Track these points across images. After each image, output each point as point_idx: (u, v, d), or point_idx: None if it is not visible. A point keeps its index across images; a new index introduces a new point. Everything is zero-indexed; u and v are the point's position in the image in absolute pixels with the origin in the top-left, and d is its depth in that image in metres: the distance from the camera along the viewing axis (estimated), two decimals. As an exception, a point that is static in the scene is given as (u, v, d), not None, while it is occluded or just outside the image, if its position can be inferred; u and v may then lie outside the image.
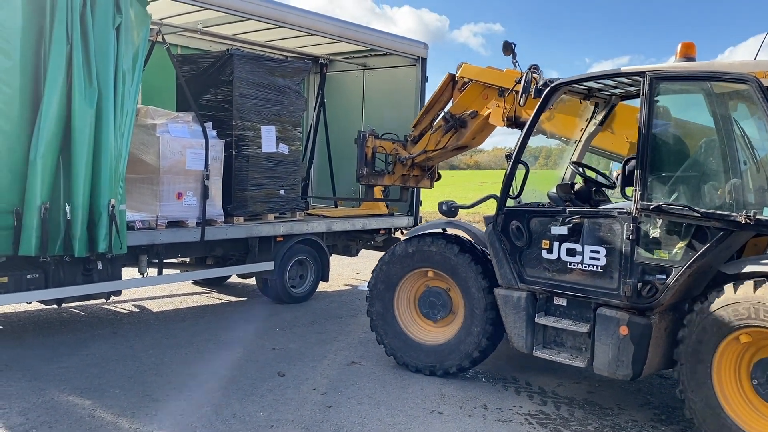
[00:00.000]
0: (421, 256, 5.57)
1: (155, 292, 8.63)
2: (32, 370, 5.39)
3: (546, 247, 4.83)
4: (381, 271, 5.84)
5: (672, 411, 4.97)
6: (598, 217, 4.62)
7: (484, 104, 6.54)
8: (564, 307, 4.83)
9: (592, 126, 5.78)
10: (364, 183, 7.63)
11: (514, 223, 4.99)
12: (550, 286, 4.83)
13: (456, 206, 5.54)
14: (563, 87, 5.01)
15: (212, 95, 7.42)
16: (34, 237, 5.34)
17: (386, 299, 5.78)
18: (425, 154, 7.23)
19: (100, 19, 5.55)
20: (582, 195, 5.30)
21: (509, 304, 5.00)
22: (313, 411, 4.73)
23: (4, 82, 5.20)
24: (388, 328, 5.75)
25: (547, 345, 4.90)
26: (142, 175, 6.61)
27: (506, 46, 6.08)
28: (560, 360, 4.74)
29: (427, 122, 7.32)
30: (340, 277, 10.39)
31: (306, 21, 7.92)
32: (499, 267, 5.10)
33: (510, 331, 5.02)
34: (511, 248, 5.03)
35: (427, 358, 5.53)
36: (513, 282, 5.01)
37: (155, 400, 4.84)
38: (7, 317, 7.07)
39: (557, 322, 4.78)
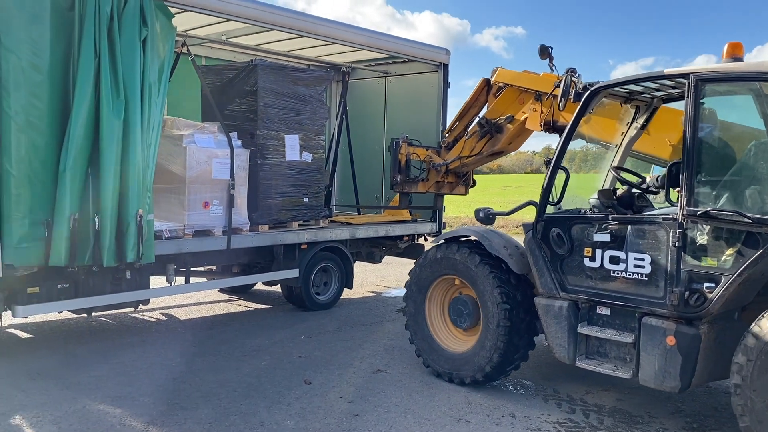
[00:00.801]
0: (448, 263, 5.57)
1: (182, 301, 8.72)
2: (64, 378, 5.48)
3: (588, 255, 4.71)
4: (415, 273, 5.90)
5: (704, 419, 4.89)
6: (642, 224, 4.49)
7: (521, 108, 6.44)
8: (607, 317, 4.69)
9: (633, 130, 5.66)
10: (398, 190, 7.54)
11: (555, 231, 4.89)
12: (593, 295, 4.70)
13: (493, 213, 5.46)
14: (603, 90, 4.92)
15: (237, 105, 7.50)
16: (64, 247, 5.43)
17: (418, 301, 5.84)
18: (460, 160, 7.11)
19: (127, 33, 5.65)
20: (624, 201, 5.14)
21: (550, 313, 4.88)
22: (340, 419, 4.74)
23: (35, 96, 5.31)
24: (419, 330, 5.80)
25: (589, 355, 4.77)
26: (169, 185, 6.70)
27: (542, 50, 5.96)
28: (604, 371, 4.60)
29: (461, 128, 7.22)
30: (364, 283, 10.40)
31: (328, 30, 7.97)
32: (539, 275, 5.00)
33: (551, 341, 4.91)
34: (551, 256, 4.93)
35: (446, 364, 5.55)
36: (554, 291, 4.90)
37: (184, 408, 4.89)
38: (38, 326, 7.20)
39: (600, 332, 4.64)
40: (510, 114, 6.51)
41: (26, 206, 5.33)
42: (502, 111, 6.61)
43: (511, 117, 6.50)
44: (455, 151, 7.18)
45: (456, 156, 7.11)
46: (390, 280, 10.92)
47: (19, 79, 5.23)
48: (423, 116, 9.35)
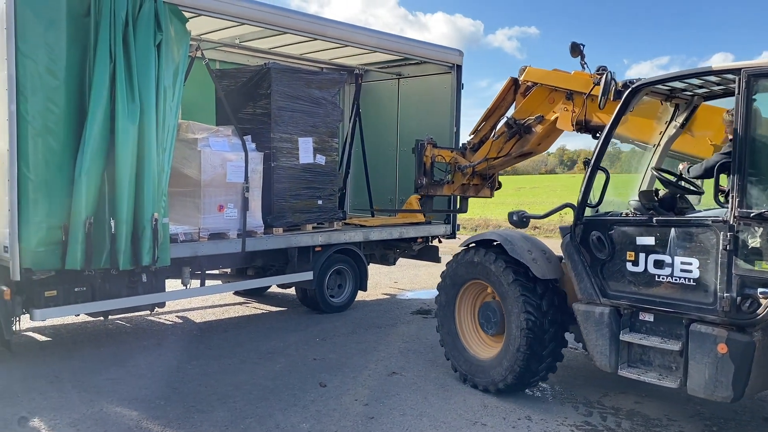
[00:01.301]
0: (474, 268, 5.44)
1: (198, 304, 8.76)
2: (81, 381, 5.52)
3: (631, 259, 4.49)
4: (444, 278, 5.79)
5: (724, 422, 4.83)
6: (689, 226, 4.27)
7: (551, 108, 6.26)
8: (651, 323, 4.47)
9: (673, 129, 5.42)
10: (424, 193, 7.33)
11: (595, 234, 4.69)
12: (636, 301, 4.48)
13: (527, 216, 5.28)
14: (645, 88, 4.72)
15: (251, 108, 7.53)
16: (80, 251, 5.47)
17: (447, 306, 5.74)
18: (487, 162, 6.91)
19: (142, 37, 5.69)
20: (666, 203, 4.85)
21: (590, 320, 4.67)
22: (355, 422, 4.73)
23: (52, 102, 5.37)
24: (449, 335, 5.71)
25: (632, 364, 4.54)
26: (184, 188, 6.74)
27: (574, 47, 5.78)
28: (649, 380, 4.38)
29: (487, 129, 7.03)
30: (378, 286, 10.40)
31: (341, 33, 7.98)
32: (578, 281, 4.80)
33: (591, 349, 4.70)
34: (591, 260, 4.73)
35: (465, 365, 5.51)
36: (594, 296, 4.69)
37: (200, 411, 4.90)
38: (56, 329, 7.26)
39: (645, 340, 4.43)
40: (539, 114, 6.33)
41: (43, 210, 5.39)
42: (530, 111, 6.43)
43: (541, 117, 6.32)
44: (481, 152, 6.97)
45: (482, 158, 6.91)
46: (404, 283, 10.91)
47: (36, 84, 5.29)
48: (436, 118, 9.33)
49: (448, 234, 9.23)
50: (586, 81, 5.91)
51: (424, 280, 11.16)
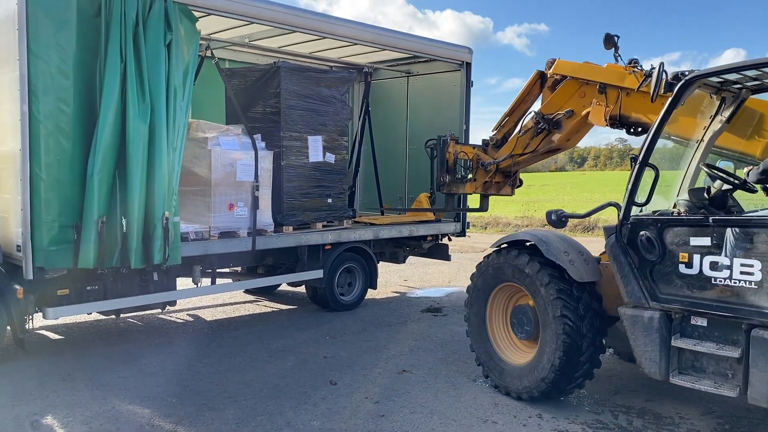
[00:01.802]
0: (507, 270, 5.21)
1: (209, 302, 8.80)
2: (93, 379, 5.56)
3: (684, 261, 4.23)
4: (475, 280, 5.54)
5: (736, 420, 4.80)
6: (751, 226, 4.01)
7: (582, 103, 6.02)
8: (704, 328, 4.21)
9: (718, 124, 5.08)
10: (446, 192, 7.16)
11: (644, 234, 4.43)
12: (690, 305, 4.22)
13: (566, 216, 5.07)
14: (698, 80, 4.44)
15: (260, 107, 7.55)
16: (92, 250, 5.51)
17: (479, 311, 5.50)
18: (512, 158, 6.65)
19: (152, 37, 5.71)
20: (717, 201, 4.57)
21: (638, 325, 4.42)
22: (365, 420, 4.74)
23: (63, 102, 5.41)
24: (480, 340, 5.51)
25: (683, 370, 4.29)
26: (195, 187, 6.77)
27: (608, 39, 5.60)
28: (704, 388, 4.12)
29: (511, 124, 6.81)
30: (388, 284, 10.40)
31: (350, 31, 7.98)
32: (625, 283, 4.55)
33: (639, 355, 4.43)
34: (639, 262, 4.47)
35: (498, 373, 5.28)
36: (643, 300, 4.44)
37: (211, 408, 4.92)
38: (68, 328, 7.32)
39: (698, 345, 4.17)
40: (569, 108, 6.09)
41: (55, 210, 5.43)
42: (559, 105, 6.19)
43: (571, 111, 6.07)
44: (506, 149, 6.73)
45: (507, 154, 6.66)
46: (414, 281, 10.90)
47: (47, 85, 5.33)
48: (446, 116, 9.32)
49: (458, 232, 9.22)
50: (621, 74, 5.68)
51: (434, 278, 11.16)
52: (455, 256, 11.61)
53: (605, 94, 5.75)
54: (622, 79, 5.65)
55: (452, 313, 8.36)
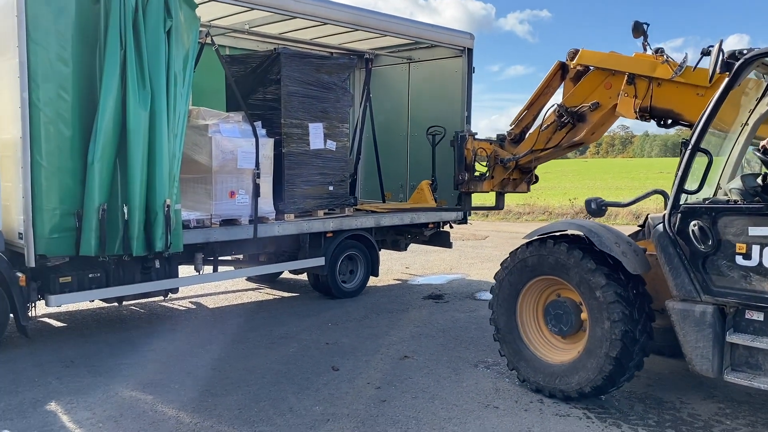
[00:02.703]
0: (548, 263, 4.85)
1: (210, 289, 8.82)
2: (96, 366, 5.58)
3: (742, 252, 4.00)
4: (504, 274, 5.18)
5: (738, 405, 4.81)
6: None
7: (608, 94, 5.85)
8: (760, 323, 4.02)
9: (765, 106, 4.78)
10: (464, 190, 6.98)
11: (696, 224, 4.18)
12: (748, 299, 4.01)
13: (606, 204, 4.88)
14: (759, 59, 4.15)
15: (261, 94, 7.52)
16: (94, 237, 5.52)
17: (508, 307, 5.15)
18: (532, 153, 6.44)
19: (152, 24, 5.69)
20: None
21: (689, 319, 4.20)
22: (367, 405, 4.76)
23: (63, 89, 5.40)
24: (509, 338, 5.16)
25: (736, 367, 4.12)
26: (196, 174, 6.77)
27: (636, 27, 5.44)
28: (762, 386, 3.94)
29: (530, 118, 6.64)
30: (390, 271, 10.41)
31: (351, 17, 7.94)
32: (674, 276, 4.33)
33: (690, 351, 4.22)
34: (691, 253, 4.24)
35: (536, 374, 4.95)
36: (694, 294, 4.22)
37: (214, 395, 4.95)
38: (71, 315, 7.34)
39: (756, 341, 3.98)
40: (595, 100, 5.91)
41: (56, 197, 5.44)
42: (584, 97, 6.00)
43: (597, 104, 5.89)
44: (526, 144, 6.53)
45: (528, 149, 6.44)
46: (416, 268, 10.91)
47: (47, 72, 5.32)
48: (447, 102, 9.29)
49: (460, 219, 9.21)
50: (652, 63, 5.52)
51: (435, 266, 11.17)
52: (457, 243, 11.62)
53: (634, 85, 5.56)
54: (653, 69, 5.47)
55: (453, 300, 8.37)
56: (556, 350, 5.03)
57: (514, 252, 5.16)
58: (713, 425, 4.45)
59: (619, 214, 18.03)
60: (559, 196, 24.88)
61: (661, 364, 5.50)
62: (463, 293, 8.85)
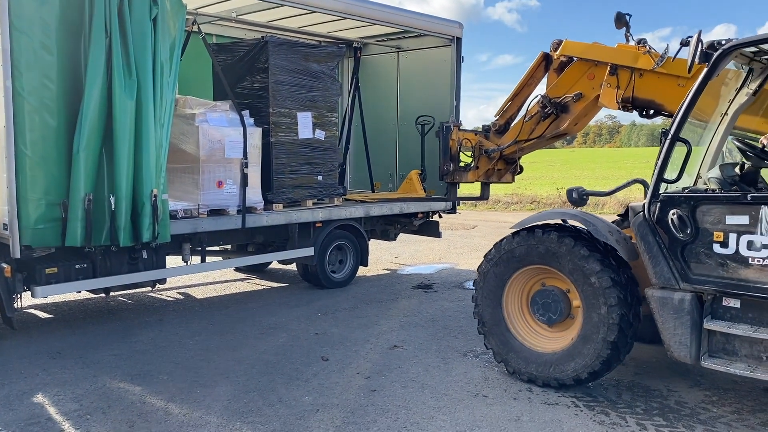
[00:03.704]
0: (539, 253, 4.85)
1: (199, 280, 8.78)
2: (84, 357, 5.54)
3: (719, 240, 4.07)
4: (490, 265, 5.16)
5: (723, 392, 4.86)
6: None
7: (591, 85, 5.88)
8: (737, 310, 4.10)
9: (744, 96, 4.84)
10: (450, 181, 7.01)
11: (675, 212, 4.25)
12: (725, 286, 4.10)
13: (587, 193, 4.93)
14: (736, 50, 4.22)
15: (248, 83, 7.46)
16: (80, 228, 5.46)
17: (494, 296, 5.15)
18: (517, 144, 6.49)
19: (138, 11, 5.60)
20: (748, 177, 4.45)
21: (668, 307, 4.29)
22: (357, 395, 4.76)
23: (47, 77, 5.31)
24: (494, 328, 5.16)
25: (714, 353, 4.19)
26: (183, 164, 6.71)
27: (619, 18, 5.46)
28: (738, 372, 4.03)
29: (514, 109, 6.68)
30: (379, 261, 10.41)
31: (339, 5, 7.88)
32: (653, 264, 4.40)
33: (669, 338, 4.30)
34: (670, 242, 4.31)
35: (527, 364, 4.95)
36: (673, 281, 4.31)
37: (203, 386, 4.93)
38: (57, 306, 7.28)
39: (732, 328, 4.07)
40: (578, 91, 5.95)
41: (42, 187, 5.36)
42: (567, 88, 6.06)
43: (580, 94, 5.94)
44: (510, 134, 6.58)
45: (512, 140, 6.49)
46: (405, 258, 10.92)
47: (30, 60, 5.22)
48: (436, 91, 9.26)
49: (449, 209, 9.21)
50: (634, 54, 5.57)
51: (424, 255, 11.18)
52: (445, 233, 11.64)
53: (617, 75, 5.60)
54: (636, 59, 5.51)
55: (443, 290, 8.39)
56: (545, 339, 5.04)
57: (499, 243, 5.15)
58: (700, 412, 4.50)
59: (606, 203, 18.13)
60: (547, 186, 24.99)
61: (648, 352, 5.55)
62: (452, 283, 8.87)
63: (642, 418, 4.39)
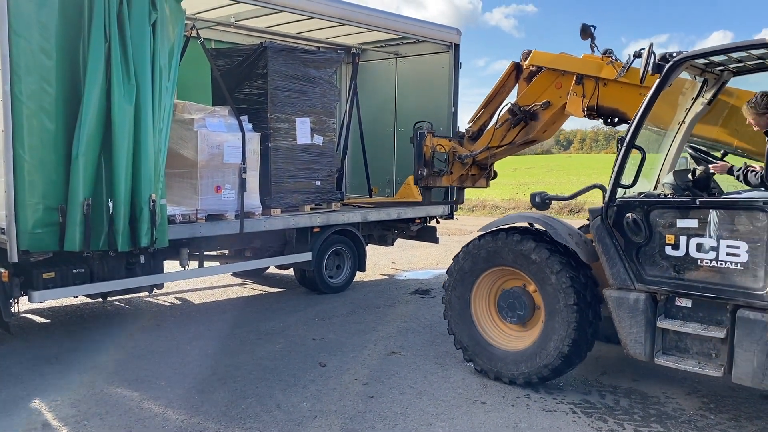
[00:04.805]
0: (504, 254, 5.05)
1: (196, 285, 8.77)
2: (81, 362, 5.53)
3: (671, 243, 4.29)
4: (459, 264, 5.35)
5: (721, 399, 4.87)
6: (737, 208, 4.08)
7: (558, 93, 6.05)
8: (688, 309, 4.29)
9: (699, 105, 5.08)
10: (424, 185, 7.14)
11: (630, 216, 4.45)
12: (676, 286, 4.30)
13: (550, 198, 5.13)
14: (687, 61, 4.47)
15: (247, 88, 7.46)
16: (78, 233, 5.44)
17: (462, 295, 5.34)
18: (488, 150, 6.66)
19: (137, 16, 5.60)
20: (701, 183, 4.60)
21: (624, 306, 4.48)
22: (355, 401, 4.76)
23: (46, 82, 5.30)
24: (462, 325, 5.36)
25: (667, 351, 4.39)
26: (181, 169, 6.70)
27: (584, 29, 5.64)
28: (688, 368, 4.22)
29: (486, 116, 6.82)
30: (377, 266, 10.41)
31: (338, 11, 7.90)
32: (610, 265, 4.60)
33: (625, 337, 4.50)
34: (625, 244, 4.51)
35: (494, 362, 5.14)
36: (628, 282, 4.50)
37: (200, 391, 4.92)
38: (54, 311, 7.26)
39: (683, 326, 4.26)
40: (546, 99, 6.12)
41: (40, 192, 5.35)
42: (536, 96, 6.22)
43: (548, 103, 6.11)
44: (482, 141, 6.73)
45: (484, 146, 6.65)
46: (402, 263, 10.92)
47: (29, 64, 5.21)
48: (434, 97, 9.29)
49: (446, 214, 9.22)
50: (598, 64, 5.73)
51: (422, 261, 11.18)
52: (443, 238, 11.62)
53: (582, 84, 5.83)
54: (599, 69, 5.73)
55: (440, 295, 8.36)
56: (511, 338, 5.23)
57: (467, 245, 5.36)
58: (697, 419, 4.51)
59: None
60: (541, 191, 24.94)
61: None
62: (450, 288, 8.86)
63: (640, 425, 4.40)
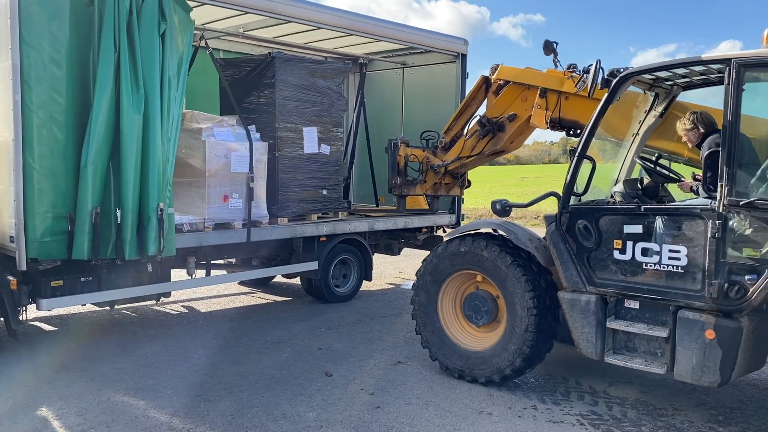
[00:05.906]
0: (470, 258, 5.30)
1: (203, 293, 8.78)
2: (88, 370, 5.54)
3: (618, 247, 4.55)
4: (430, 265, 5.61)
5: (730, 411, 4.83)
6: (678, 215, 4.35)
7: (524, 106, 6.35)
8: (636, 310, 4.54)
9: (652, 118, 5.42)
10: (397, 193, 7.51)
11: (581, 222, 4.72)
12: (623, 289, 4.55)
13: (510, 205, 5.38)
14: (633, 77, 4.76)
15: (255, 98, 7.51)
16: (86, 241, 5.47)
17: (430, 294, 5.59)
18: (459, 160, 7.02)
19: (146, 27, 5.66)
20: (649, 191, 5.01)
21: (576, 308, 4.72)
22: (361, 411, 4.74)
23: (56, 92, 5.36)
24: (428, 323, 5.59)
25: (617, 350, 4.62)
26: (189, 178, 6.73)
27: (547, 45, 5.93)
28: (635, 366, 4.47)
29: (458, 128, 7.13)
30: (383, 275, 10.40)
31: (345, 21, 7.94)
32: (564, 269, 4.84)
33: (578, 337, 4.73)
34: (577, 249, 4.77)
35: (459, 361, 5.36)
36: (580, 285, 4.74)
37: (207, 400, 4.92)
38: (62, 319, 7.28)
39: (631, 326, 4.50)
40: (512, 112, 6.43)
41: (49, 201, 5.39)
42: (503, 109, 6.52)
43: (514, 115, 6.41)
44: (454, 151, 7.06)
45: (455, 156, 7.00)
46: (409, 272, 10.90)
47: (40, 74, 5.27)
48: (441, 107, 9.29)
49: (453, 224, 9.21)
50: (560, 78, 6.00)
51: (428, 270, 11.14)
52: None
53: (546, 98, 6.07)
54: (561, 83, 5.98)
55: (447, 305, 8.36)
56: (475, 339, 5.44)
57: (435, 249, 5.64)
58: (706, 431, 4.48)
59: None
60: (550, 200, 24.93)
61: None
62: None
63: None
